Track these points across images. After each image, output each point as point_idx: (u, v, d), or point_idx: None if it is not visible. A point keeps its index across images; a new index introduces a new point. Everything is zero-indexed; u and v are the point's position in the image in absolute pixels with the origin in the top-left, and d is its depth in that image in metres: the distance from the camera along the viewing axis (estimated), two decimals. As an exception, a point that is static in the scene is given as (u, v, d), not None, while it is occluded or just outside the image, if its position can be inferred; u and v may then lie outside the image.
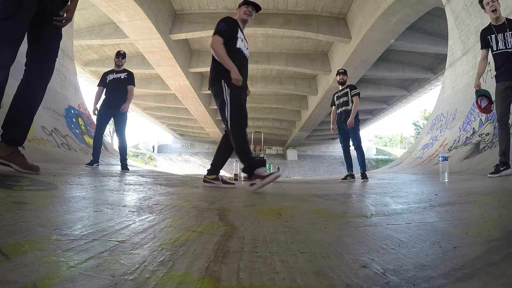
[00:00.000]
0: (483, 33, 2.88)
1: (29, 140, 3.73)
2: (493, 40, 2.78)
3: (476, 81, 2.96)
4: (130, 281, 0.47)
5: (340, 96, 4.24)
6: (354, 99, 4.05)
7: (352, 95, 4.09)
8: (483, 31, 2.90)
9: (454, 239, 0.73)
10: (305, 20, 10.16)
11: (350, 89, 4.14)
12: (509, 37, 2.70)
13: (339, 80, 4.28)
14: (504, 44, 2.71)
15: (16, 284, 0.43)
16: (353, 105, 4.03)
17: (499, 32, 2.74)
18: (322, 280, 0.50)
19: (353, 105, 4.02)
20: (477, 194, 1.58)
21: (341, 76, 4.26)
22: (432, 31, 11.30)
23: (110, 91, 3.93)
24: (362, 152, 4.01)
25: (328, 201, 1.65)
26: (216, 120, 21.50)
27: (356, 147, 4.07)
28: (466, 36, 5.40)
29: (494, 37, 2.77)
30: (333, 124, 4.44)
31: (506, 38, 2.70)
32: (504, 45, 2.71)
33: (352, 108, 4.01)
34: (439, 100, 6.57)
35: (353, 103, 4.03)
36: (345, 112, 4.09)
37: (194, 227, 0.88)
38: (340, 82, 4.28)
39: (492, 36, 2.79)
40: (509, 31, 2.70)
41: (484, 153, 3.92)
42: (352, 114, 3.95)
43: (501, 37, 2.73)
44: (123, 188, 1.88)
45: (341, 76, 4.27)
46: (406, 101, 20.47)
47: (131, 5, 8.09)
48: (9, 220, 0.77)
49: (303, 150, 34.74)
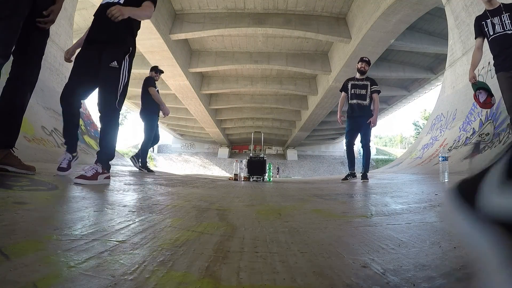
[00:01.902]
0: (477, 19, 2.69)
1: (29, 140, 3.73)
2: (489, 25, 2.59)
3: (471, 73, 2.77)
4: (130, 281, 0.47)
5: (358, 86, 3.81)
6: (374, 96, 3.74)
7: (372, 91, 3.75)
8: (477, 18, 2.70)
9: (454, 239, 0.73)
10: (305, 20, 10.17)
11: (371, 84, 3.79)
12: (507, 19, 2.50)
13: (360, 67, 3.82)
14: (502, 26, 2.50)
15: (16, 284, 0.43)
16: (373, 102, 3.74)
17: (495, 16, 2.56)
18: (322, 280, 0.50)
19: (373, 103, 3.74)
20: (477, 194, 1.57)
21: (364, 64, 3.82)
22: (432, 31, 11.30)
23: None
24: (369, 151, 3.78)
25: (328, 201, 1.65)
26: (216, 120, 21.52)
27: (364, 145, 3.79)
28: (466, 36, 5.40)
29: (489, 21, 2.58)
30: (341, 113, 4.01)
31: (504, 20, 2.50)
32: (502, 27, 2.50)
33: (373, 106, 3.72)
34: (439, 100, 6.57)
35: (374, 101, 3.74)
36: (359, 106, 3.75)
37: (194, 227, 0.88)
38: (361, 71, 3.82)
39: (488, 21, 2.59)
40: (506, 13, 2.50)
41: (484, 153, 3.92)
42: (375, 113, 3.69)
43: (498, 20, 2.53)
44: (123, 188, 1.88)
45: (363, 64, 3.82)
46: (406, 101, 20.48)
47: (131, 5, 8.09)
48: (9, 220, 0.77)
49: (303, 150, 34.74)
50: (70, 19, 6.21)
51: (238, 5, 9.98)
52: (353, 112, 3.81)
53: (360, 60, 3.88)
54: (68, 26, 6.13)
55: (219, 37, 11.92)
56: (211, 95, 18.37)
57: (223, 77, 15.88)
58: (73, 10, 6.34)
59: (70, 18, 6.20)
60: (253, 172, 5.14)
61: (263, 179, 5.13)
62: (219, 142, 31.71)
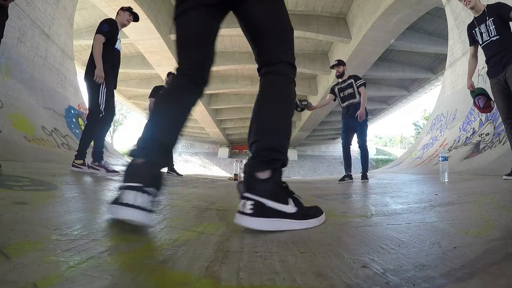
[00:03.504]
0: (469, 28, 2.72)
1: (29, 140, 3.73)
2: (477, 34, 2.61)
3: (468, 81, 2.78)
4: (130, 281, 0.47)
5: (344, 89, 3.85)
6: (361, 90, 3.73)
7: (358, 86, 3.76)
8: (468, 27, 2.73)
9: (454, 239, 0.73)
10: (305, 20, 10.16)
11: (355, 80, 3.79)
12: (491, 25, 2.48)
13: (336, 74, 3.89)
14: (488, 34, 2.51)
15: (16, 284, 0.43)
16: (361, 96, 3.72)
17: (481, 23, 2.56)
18: (322, 280, 0.50)
19: (361, 97, 3.71)
20: (477, 194, 1.58)
21: (336, 68, 3.86)
22: (432, 31, 11.30)
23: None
24: (366, 152, 3.73)
25: (328, 201, 1.65)
26: (216, 120, 21.51)
27: (360, 145, 3.74)
28: (466, 36, 5.38)
29: (477, 30, 2.60)
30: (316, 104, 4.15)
31: (488, 27, 2.49)
32: (488, 35, 2.52)
33: (361, 100, 3.70)
34: (439, 100, 6.57)
35: (361, 94, 3.71)
36: (353, 106, 3.76)
37: (194, 227, 0.88)
38: (338, 75, 3.88)
39: (476, 29, 2.62)
40: (489, 18, 2.49)
41: (484, 153, 3.92)
42: (362, 106, 3.64)
43: (484, 27, 2.53)
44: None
45: (336, 69, 3.86)
46: (406, 101, 20.48)
47: (131, 5, 8.09)
48: (9, 220, 0.77)
49: (303, 150, 34.73)
50: (70, 19, 6.21)
51: (238, 5, 9.99)
52: (347, 112, 3.81)
53: (332, 67, 3.97)
54: (68, 26, 6.13)
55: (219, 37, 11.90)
56: (211, 95, 18.37)
57: (223, 77, 15.87)
58: (73, 10, 6.34)
59: (70, 18, 6.20)
60: (253, 172, 5.12)
61: (263, 179, 5.12)
62: (219, 142, 31.69)
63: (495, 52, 2.49)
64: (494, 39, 2.48)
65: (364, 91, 3.73)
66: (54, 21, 5.43)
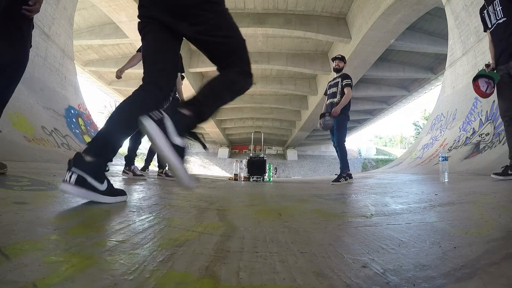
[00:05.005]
0: (480, 12, 2.50)
1: (29, 140, 3.73)
2: (486, 17, 2.40)
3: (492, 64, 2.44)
4: (130, 281, 0.47)
5: (331, 86, 3.78)
6: (345, 90, 3.61)
7: (343, 85, 3.63)
8: (480, 11, 2.51)
9: (454, 239, 0.73)
10: (305, 20, 10.16)
11: (342, 79, 3.67)
12: (498, 5, 2.24)
13: (334, 66, 3.78)
14: (495, 15, 2.28)
15: (16, 284, 0.43)
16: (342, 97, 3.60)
17: (489, 4, 2.34)
18: (322, 280, 0.50)
19: (343, 97, 3.59)
20: (477, 194, 1.58)
21: (337, 61, 3.77)
22: (432, 31, 11.30)
23: None
24: (342, 150, 3.62)
25: (328, 201, 1.65)
26: (216, 120, 21.50)
27: (336, 143, 3.67)
28: (466, 36, 5.40)
29: (486, 12, 2.38)
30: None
31: (495, 8, 2.26)
32: (495, 17, 2.29)
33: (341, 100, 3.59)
34: (439, 100, 6.57)
35: (345, 95, 3.59)
36: (331, 105, 3.70)
37: (194, 227, 0.88)
38: (335, 69, 3.78)
39: (485, 12, 2.40)
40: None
41: (484, 153, 3.92)
42: (340, 105, 3.54)
43: (492, 9, 2.31)
44: (122, 188, 1.87)
45: (337, 62, 3.77)
46: (406, 101, 20.47)
47: (131, 5, 8.09)
48: (9, 220, 0.77)
49: (303, 150, 34.72)
50: (70, 19, 6.21)
51: (238, 5, 9.98)
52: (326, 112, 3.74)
53: (333, 59, 3.85)
54: (68, 26, 6.12)
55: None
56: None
57: (223, 77, 15.86)
58: (73, 10, 6.34)
59: (70, 18, 6.20)
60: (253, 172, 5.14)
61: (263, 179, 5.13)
62: (219, 142, 31.68)
63: (500, 37, 2.26)
64: (501, 21, 2.24)
65: (349, 92, 3.61)
66: (54, 21, 5.43)
